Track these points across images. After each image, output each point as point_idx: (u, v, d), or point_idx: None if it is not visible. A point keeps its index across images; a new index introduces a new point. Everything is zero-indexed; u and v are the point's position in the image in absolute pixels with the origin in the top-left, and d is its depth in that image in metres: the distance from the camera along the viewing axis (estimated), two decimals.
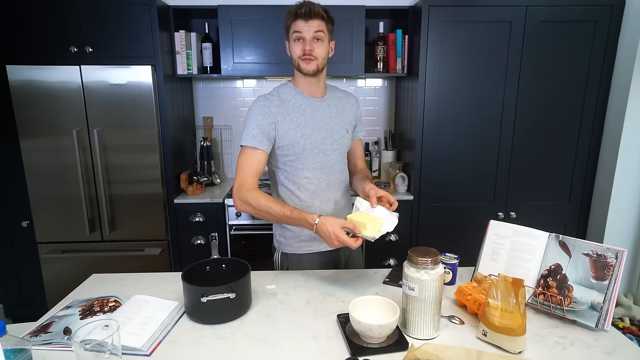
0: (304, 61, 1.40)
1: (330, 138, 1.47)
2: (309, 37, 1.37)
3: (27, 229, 2.50)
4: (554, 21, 2.29)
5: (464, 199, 2.51)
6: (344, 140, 1.51)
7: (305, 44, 1.37)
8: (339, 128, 1.49)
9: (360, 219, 1.23)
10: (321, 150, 1.45)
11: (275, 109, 1.42)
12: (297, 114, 1.43)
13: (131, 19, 2.25)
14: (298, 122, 1.42)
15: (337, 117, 1.49)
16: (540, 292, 1.18)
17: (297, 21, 1.36)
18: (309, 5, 1.35)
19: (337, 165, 1.50)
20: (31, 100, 2.26)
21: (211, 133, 2.93)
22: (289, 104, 1.45)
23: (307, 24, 1.35)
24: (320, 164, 1.46)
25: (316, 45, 1.38)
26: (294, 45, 1.40)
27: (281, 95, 1.47)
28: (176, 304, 1.20)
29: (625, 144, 2.31)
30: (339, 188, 1.53)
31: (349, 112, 1.55)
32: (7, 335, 0.86)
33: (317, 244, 1.50)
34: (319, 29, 1.37)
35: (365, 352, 0.99)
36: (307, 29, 1.36)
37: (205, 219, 2.48)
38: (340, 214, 1.50)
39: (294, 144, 1.42)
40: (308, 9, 1.35)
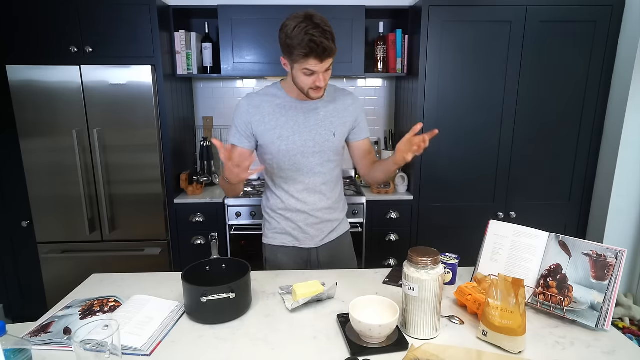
0: (313, 91, 1.36)
1: (312, 141, 1.45)
2: (321, 72, 1.31)
3: (27, 229, 2.50)
4: (554, 21, 2.29)
5: (464, 199, 2.51)
6: (328, 143, 1.46)
7: (318, 79, 1.31)
8: (324, 131, 1.46)
9: (299, 289, 1.22)
10: (299, 152, 1.45)
11: (253, 109, 1.43)
12: (279, 115, 1.44)
13: (131, 19, 2.25)
14: (277, 123, 1.43)
15: (324, 120, 1.46)
16: (540, 292, 1.18)
17: (311, 60, 1.26)
18: (325, 47, 1.24)
19: (317, 168, 1.48)
20: (31, 100, 2.26)
21: (211, 133, 2.93)
22: (272, 104, 1.44)
23: (321, 64, 1.28)
24: (297, 165, 1.46)
25: (326, 75, 1.34)
26: (302, 77, 1.32)
27: (268, 95, 1.46)
28: (176, 304, 1.20)
29: (625, 144, 2.32)
30: (319, 191, 1.51)
31: (343, 113, 1.49)
32: (7, 335, 0.86)
33: (290, 239, 1.55)
34: (330, 65, 1.32)
35: (365, 352, 0.99)
36: (321, 66, 1.29)
37: (205, 219, 2.48)
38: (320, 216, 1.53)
39: (270, 144, 1.44)
40: (324, 50, 1.25)
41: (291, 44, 1.26)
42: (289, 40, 1.26)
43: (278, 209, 1.54)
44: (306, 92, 1.37)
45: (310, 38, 1.23)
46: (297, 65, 1.30)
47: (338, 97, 1.51)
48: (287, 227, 1.54)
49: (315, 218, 1.52)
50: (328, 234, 1.57)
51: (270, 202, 1.56)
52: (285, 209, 1.52)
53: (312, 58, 1.26)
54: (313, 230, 1.54)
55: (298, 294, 1.20)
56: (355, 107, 1.53)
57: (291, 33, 1.26)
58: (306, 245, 1.56)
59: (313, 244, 1.55)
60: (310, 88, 1.35)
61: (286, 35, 1.28)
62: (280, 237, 1.57)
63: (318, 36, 1.23)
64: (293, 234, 1.54)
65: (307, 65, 1.28)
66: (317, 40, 1.23)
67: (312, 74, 1.31)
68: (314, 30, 1.23)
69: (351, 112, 1.51)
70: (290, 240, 1.56)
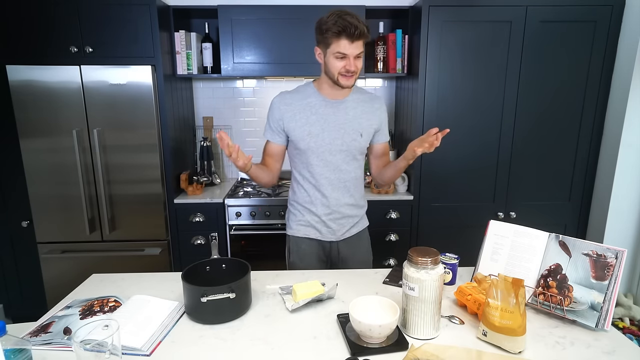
0: (344, 77, 1.43)
1: (340, 139, 1.51)
2: (352, 57, 1.38)
3: (27, 229, 2.50)
4: (554, 21, 2.29)
5: (464, 199, 2.51)
6: (355, 143, 1.53)
7: (349, 63, 1.39)
8: (351, 131, 1.52)
9: (299, 289, 1.22)
10: (327, 149, 1.52)
11: (285, 106, 1.52)
12: (309, 113, 1.51)
13: (131, 19, 2.25)
14: (308, 121, 1.50)
15: (352, 120, 1.53)
16: (540, 292, 1.18)
17: (342, 41, 1.35)
18: (356, 26, 1.33)
19: (343, 165, 1.55)
20: (31, 100, 2.26)
21: (211, 133, 2.93)
22: (303, 102, 1.52)
23: (352, 45, 1.36)
24: (324, 162, 1.53)
25: (357, 62, 1.41)
26: (334, 61, 1.40)
27: (300, 93, 1.54)
28: (176, 304, 1.20)
29: (625, 144, 2.31)
30: (343, 187, 1.57)
31: (370, 116, 1.56)
32: (7, 335, 0.86)
33: (313, 231, 1.61)
34: (362, 50, 1.39)
35: (365, 352, 0.99)
36: (352, 50, 1.37)
37: (205, 219, 2.48)
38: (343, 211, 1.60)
39: (299, 140, 1.51)
40: (358, 31, 1.34)
41: (325, 27, 1.36)
42: (324, 25, 1.37)
43: (304, 202, 1.60)
44: (336, 79, 1.43)
45: (344, 19, 1.33)
46: (330, 49, 1.38)
47: (367, 100, 1.58)
48: (311, 220, 1.60)
49: (338, 213, 1.59)
50: (349, 228, 1.63)
51: (297, 195, 1.63)
52: (311, 203, 1.59)
53: (344, 38, 1.34)
54: (335, 225, 1.60)
55: (298, 294, 1.20)
56: (382, 112, 1.60)
57: (326, 19, 1.37)
58: (327, 239, 1.62)
59: (334, 237, 1.61)
60: (341, 74, 1.41)
61: (321, 21, 1.39)
62: (304, 229, 1.62)
63: (350, 19, 1.33)
64: (316, 227, 1.60)
65: (338, 47, 1.36)
66: (349, 19, 1.33)
67: (343, 57, 1.38)
68: (347, 16, 1.34)
69: (378, 115, 1.58)
70: (314, 232, 1.61)
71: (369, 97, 1.59)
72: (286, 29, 2.46)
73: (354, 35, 1.34)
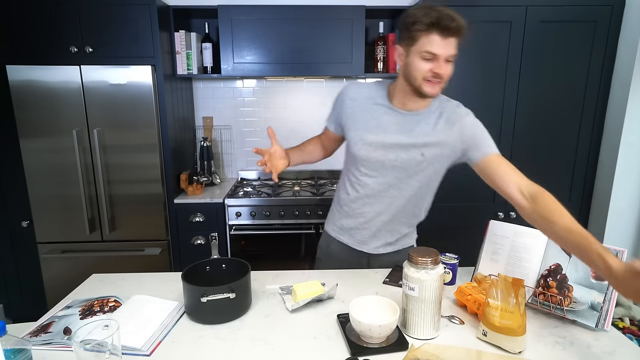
0: (429, 84, 1.20)
1: (395, 154, 1.31)
2: (443, 58, 1.16)
3: (27, 229, 2.50)
4: (554, 21, 2.29)
5: (464, 199, 2.51)
6: (412, 162, 1.31)
7: (438, 65, 1.16)
8: (412, 147, 1.30)
9: (299, 289, 1.21)
10: (379, 163, 1.34)
11: (349, 100, 1.37)
12: (370, 117, 1.33)
13: (131, 19, 2.25)
14: (367, 126, 1.33)
15: (418, 136, 1.29)
16: (540, 292, 1.18)
17: (433, 35, 1.13)
18: (453, 18, 1.11)
19: (395, 182, 1.35)
20: (31, 100, 2.26)
21: (211, 133, 2.93)
22: (369, 102, 1.35)
23: (445, 41, 1.14)
24: (373, 174, 1.36)
25: (448, 66, 1.19)
26: (419, 62, 1.17)
27: (371, 90, 1.37)
28: (176, 304, 1.20)
29: (625, 144, 2.31)
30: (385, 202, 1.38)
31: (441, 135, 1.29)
32: (7, 335, 0.86)
33: (346, 237, 1.49)
34: (455, 52, 1.18)
35: (365, 352, 0.99)
36: (444, 49, 1.14)
37: (205, 219, 2.48)
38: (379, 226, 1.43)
39: (352, 143, 1.37)
40: (455, 24, 1.12)
41: (413, 19, 1.14)
42: (410, 18, 1.15)
43: (343, 204, 1.47)
44: (419, 85, 1.20)
45: (438, 10, 1.12)
46: (415, 46, 1.16)
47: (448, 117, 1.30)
48: (345, 224, 1.47)
49: (372, 226, 1.43)
50: (384, 245, 1.47)
51: (340, 194, 1.50)
52: (349, 207, 1.44)
53: (435, 32, 1.12)
54: (369, 237, 1.45)
55: (298, 295, 1.20)
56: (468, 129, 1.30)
57: (414, 11, 1.15)
58: (359, 248, 1.48)
59: (367, 249, 1.47)
60: (426, 79, 1.19)
61: (408, 13, 1.17)
62: (338, 232, 1.51)
63: (448, 12, 1.12)
64: (350, 232, 1.48)
65: (427, 44, 1.14)
66: (444, 11, 1.11)
67: (432, 59, 1.16)
68: (439, 7, 1.13)
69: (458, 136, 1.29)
70: (346, 238, 1.49)
71: (454, 115, 1.30)
72: (286, 29, 2.46)
73: (449, 29, 1.12)
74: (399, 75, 1.29)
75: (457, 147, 1.31)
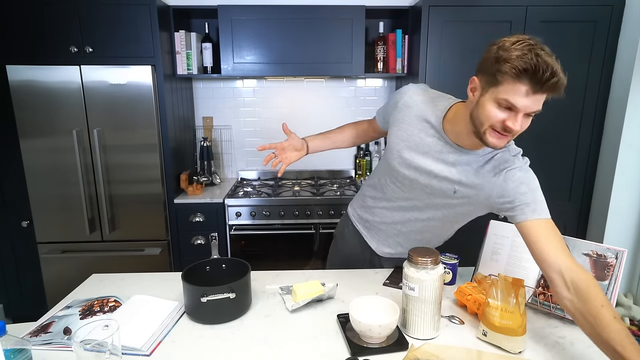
0: (495, 134, 1.02)
1: (427, 179, 1.20)
2: (523, 112, 0.98)
3: (27, 229, 2.50)
4: (554, 21, 2.29)
5: None
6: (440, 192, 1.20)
7: (514, 119, 0.98)
8: (445, 180, 1.17)
9: (299, 289, 1.21)
10: (407, 181, 1.25)
11: (403, 106, 1.24)
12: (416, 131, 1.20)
13: (131, 19, 2.25)
14: (408, 140, 1.21)
15: (456, 174, 1.16)
16: (540, 292, 1.18)
17: (521, 86, 0.93)
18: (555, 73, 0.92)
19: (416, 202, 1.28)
20: (31, 100, 2.26)
21: (211, 133, 2.93)
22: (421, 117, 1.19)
23: (534, 97, 0.95)
24: (402, 187, 1.28)
25: (525, 122, 1.01)
26: (492, 108, 0.99)
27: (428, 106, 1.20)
28: (176, 304, 1.20)
29: (625, 144, 2.31)
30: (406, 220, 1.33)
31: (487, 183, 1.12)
32: (7, 335, 0.86)
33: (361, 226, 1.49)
34: (540, 108, 0.98)
35: (365, 352, 0.99)
36: (529, 104, 0.95)
37: (205, 219, 2.48)
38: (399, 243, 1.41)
39: (389, 149, 1.27)
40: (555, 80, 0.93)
41: (505, 56, 0.94)
42: (503, 51, 0.95)
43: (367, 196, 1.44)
44: (483, 131, 1.02)
45: (536, 53, 0.91)
46: (495, 89, 0.97)
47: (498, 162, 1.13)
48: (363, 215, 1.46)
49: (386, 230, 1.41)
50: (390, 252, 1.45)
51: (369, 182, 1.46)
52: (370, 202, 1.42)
53: (525, 81, 0.93)
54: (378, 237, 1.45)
55: (298, 295, 1.20)
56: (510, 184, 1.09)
57: (510, 45, 0.94)
58: (368, 242, 1.48)
59: (374, 247, 1.47)
60: (493, 128, 1.01)
61: (500, 46, 0.96)
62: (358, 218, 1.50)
63: (544, 56, 0.92)
64: (365, 225, 1.47)
65: (511, 92, 0.95)
66: (544, 58, 0.91)
67: (509, 109, 0.97)
68: (541, 51, 0.92)
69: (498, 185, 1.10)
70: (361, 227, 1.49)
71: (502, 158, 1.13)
72: (286, 29, 2.46)
73: (544, 84, 0.92)
74: (467, 104, 1.11)
75: (494, 198, 1.12)
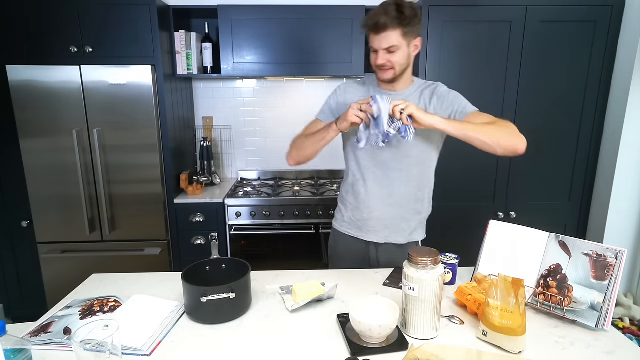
0: (379, 71, 1.38)
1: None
2: (381, 50, 1.32)
3: (27, 229, 2.50)
4: (554, 21, 2.29)
5: (464, 199, 2.51)
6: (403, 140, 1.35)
7: (377, 57, 1.34)
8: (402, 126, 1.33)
9: (299, 289, 1.21)
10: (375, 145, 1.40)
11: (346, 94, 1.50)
12: None
13: (131, 19, 2.25)
14: None
15: None
16: (540, 292, 1.18)
17: (371, 35, 1.32)
18: (375, 19, 1.27)
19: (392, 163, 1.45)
20: (31, 100, 2.26)
21: (211, 133, 2.93)
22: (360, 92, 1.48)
23: (377, 37, 1.30)
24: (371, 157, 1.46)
25: (390, 56, 1.33)
26: (371, 54, 1.37)
27: (363, 83, 1.52)
28: (176, 304, 1.20)
29: (625, 144, 2.31)
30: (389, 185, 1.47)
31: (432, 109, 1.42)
32: (7, 335, 0.86)
33: (354, 229, 1.55)
34: (390, 44, 1.30)
35: (365, 352, 0.99)
36: (378, 43, 1.31)
37: (205, 219, 2.48)
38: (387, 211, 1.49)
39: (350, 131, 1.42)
40: (374, 23, 1.28)
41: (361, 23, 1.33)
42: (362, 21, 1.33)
43: (349, 196, 1.55)
44: (375, 72, 1.40)
45: (373, 12, 1.28)
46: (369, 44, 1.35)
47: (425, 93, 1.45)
48: (353, 216, 1.54)
49: (380, 212, 1.50)
50: (393, 233, 1.52)
51: (344, 189, 1.59)
52: (355, 198, 1.52)
53: (370, 31, 1.30)
54: (376, 224, 1.51)
55: (298, 295, 1.20)
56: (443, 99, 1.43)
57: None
58: (368, 239, 1.54)
59: (375, 238, 1.53)
60: (376, 67, 1.37)
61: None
62: (346, 226, 1.57)
63: (380, 9, 1.27)
64: (357, 224, 1.54)
65: (370, 42, 1.33)
66: (373, 12, 1.27)
67: (375, 51, 1.33)
68: (386, 4, 1.27)
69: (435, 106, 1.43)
70: (355, 231, 1.55)
71: (427, 89, 1.45)
72: (286, 29, 2.46)
73: (375, 28, 1.28)
74: None
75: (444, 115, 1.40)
